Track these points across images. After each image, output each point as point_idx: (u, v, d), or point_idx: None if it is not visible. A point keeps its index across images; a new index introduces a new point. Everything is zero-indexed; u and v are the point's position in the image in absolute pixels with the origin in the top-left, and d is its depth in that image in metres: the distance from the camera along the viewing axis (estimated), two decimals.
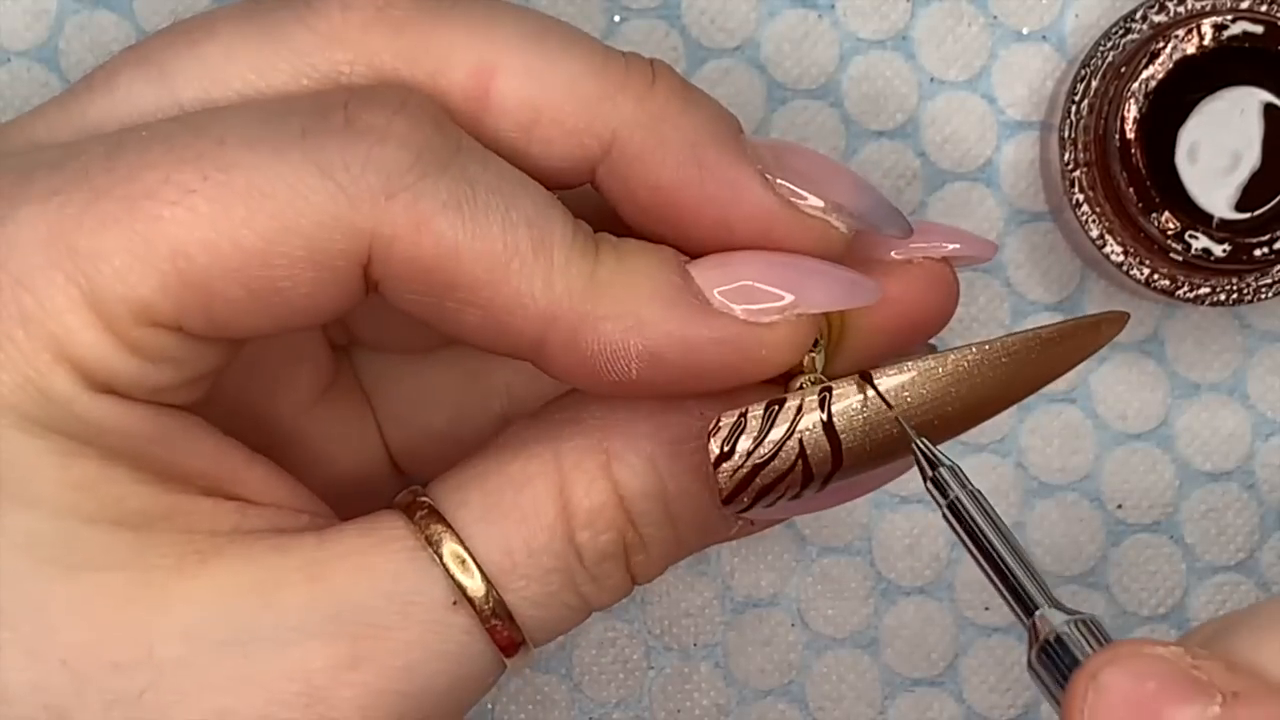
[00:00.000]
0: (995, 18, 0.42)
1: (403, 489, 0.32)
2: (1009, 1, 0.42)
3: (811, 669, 0.43)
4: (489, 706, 0.42)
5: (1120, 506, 0.43)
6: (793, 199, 0.32)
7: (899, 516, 0.43)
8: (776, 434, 0.30)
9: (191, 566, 0.30)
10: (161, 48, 0.32)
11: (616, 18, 0.42)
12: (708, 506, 0.31)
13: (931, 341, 0.34)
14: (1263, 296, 0.40)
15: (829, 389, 0.31)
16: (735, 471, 0.30)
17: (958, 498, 0.30)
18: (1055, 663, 0.28)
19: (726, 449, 0.30)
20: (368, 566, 0.30)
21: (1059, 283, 0.42)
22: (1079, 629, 0.28)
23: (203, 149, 0.29)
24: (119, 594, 0.29)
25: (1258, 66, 0.39)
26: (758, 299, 0.31)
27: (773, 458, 0.30)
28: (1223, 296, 0.40)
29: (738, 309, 0.31)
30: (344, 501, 0.33)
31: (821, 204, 0.32)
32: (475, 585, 0.30)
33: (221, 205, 0.29)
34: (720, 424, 0.30)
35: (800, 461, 0.31)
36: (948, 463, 0.30)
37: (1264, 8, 0.39)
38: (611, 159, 0.31)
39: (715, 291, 0.31)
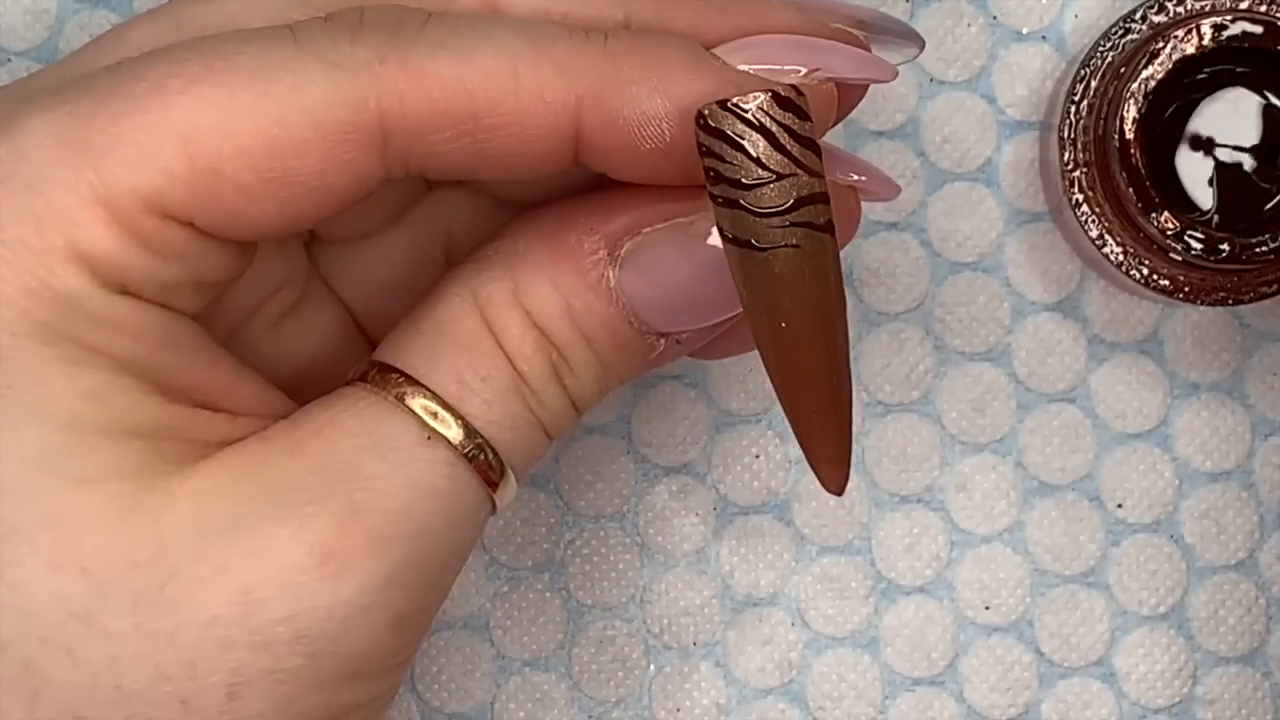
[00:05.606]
0: (995, 18, 0.42)
1: None
2: (1009, 1, 0.42)
3: (811, 668, 0.43)
4: (489, 705, 0.42)
5: (1120, 506, 0.43)
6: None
7: (899, 516, 0.43)
8: (768, 154, 0.30)
9: (188, 470, 0.31)
10: (178, 6, 0.33)
11: None
12: (617, 320, 0.32)
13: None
14: (1263, 296, 0.40)
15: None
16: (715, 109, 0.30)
17: None
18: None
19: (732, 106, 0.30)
20: (341, 429, 0.31)
21: (1059, 283, 0.42)
22: None
23: (202, 49, 0.31)
24: (130, 500, 0.30)
25: (1257, 66, 0.39)
26: (780, 67, 0.32)
27: (742, 143, 0.30)
28: (1223, 296, 0.40)
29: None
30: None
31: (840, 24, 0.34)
32: (442, 418, 0.32)
33: (226, 90, 0.30)
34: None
35: (757, 166, 0.30)
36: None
37: (1264, 8, 0.39)
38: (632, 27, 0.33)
39: (739, 66, 0.32)
